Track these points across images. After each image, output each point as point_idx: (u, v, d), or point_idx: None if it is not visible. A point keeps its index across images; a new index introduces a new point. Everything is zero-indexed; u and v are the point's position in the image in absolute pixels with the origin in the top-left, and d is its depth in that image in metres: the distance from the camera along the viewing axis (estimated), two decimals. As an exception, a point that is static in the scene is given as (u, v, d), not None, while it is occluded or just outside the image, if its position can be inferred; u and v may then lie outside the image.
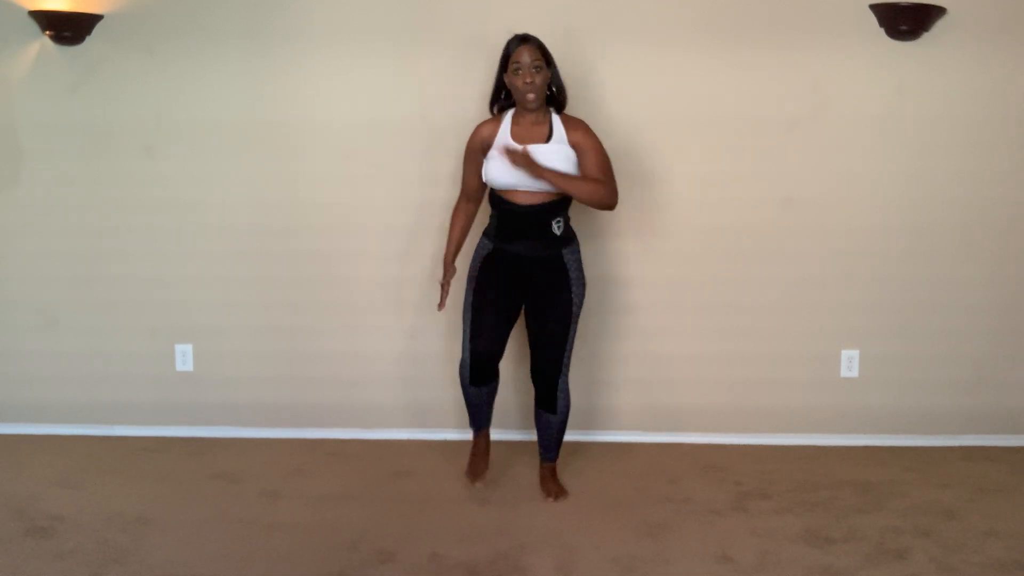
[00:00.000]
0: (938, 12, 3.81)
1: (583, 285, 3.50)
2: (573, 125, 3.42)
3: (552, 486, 3.58)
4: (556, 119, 3.42)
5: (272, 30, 3.96)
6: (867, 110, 3.96)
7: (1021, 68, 3.92)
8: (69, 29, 3.90)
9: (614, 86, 3.96)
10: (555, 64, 3.41)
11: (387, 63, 3.98)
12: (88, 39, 3.97)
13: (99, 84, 4.01)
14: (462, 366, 3.51)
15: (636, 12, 3.91)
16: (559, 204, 3.39)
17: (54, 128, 4.05)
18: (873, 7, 3.86)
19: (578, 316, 3.49)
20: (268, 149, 4.05)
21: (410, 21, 3.95)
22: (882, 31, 3.89)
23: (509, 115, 3.45)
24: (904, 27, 3.83)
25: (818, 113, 3.97)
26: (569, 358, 3.50)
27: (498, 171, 3.36)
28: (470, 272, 3.51)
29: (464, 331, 3.49)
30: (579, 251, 3.51)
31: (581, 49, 3.91)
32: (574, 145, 3.38)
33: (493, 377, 3.52)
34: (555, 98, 3.44)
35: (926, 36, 3.89)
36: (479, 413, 3.59)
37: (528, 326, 3.52)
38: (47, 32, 3.91)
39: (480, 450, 3.60)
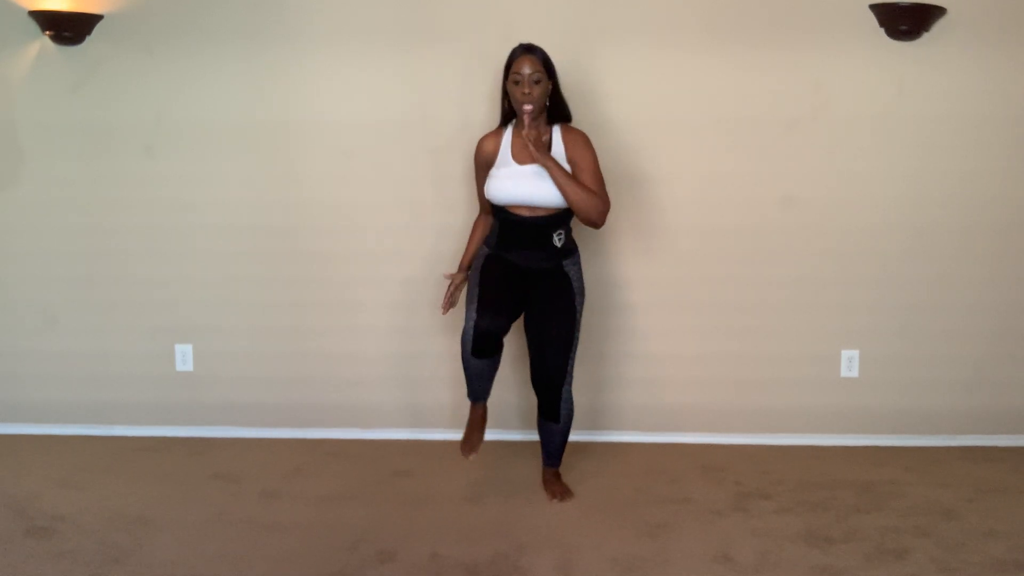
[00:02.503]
0: (938, 12, 3.81)
1: (583, 295, 3.50)
2: (572, 139, 3.40)
3: (556, 488, 3.58)
4: (556, 133, 3.41)
5: (272, 30, 3.96)
6: (867, 110, 3.96)
7: (1021, 68, 3.92)
8: (69, 29, 3.90)
9: (614, 86, 3.96)
10: (557, 77, 3.39)
11: (387, 63, 3.98)
12: (88, 39, 3.97)
13: (99, 84, 4.01)
14: (464, 335, 3.33)
15: (636, 13, 3.91)
16: (560, 217, 3.39)
17: (54, 128, 4.05)
18: (873, 7, 3.86)
19: (580, 324, 3.48)
20: (268, 149, 4.05)
21: (410, 21, 3.95)
22: (882, 31, 3.89)
23: (510, 128, 3.46)
24: (904, 27, 3.83)
25: (818, 113, 3.97)
26: (572, 366, 3.48)
27: (500, 188, 3.36)
28: (474, 267, 3.49)
29: (468, 306, 3.36)
30: (580, 262, 3.51)
31: (581, 49, 3.91)
32: (571, 160, 3.38)
33: (496, 350, 3.36)
34: (555, 111, 3.41)
35: (926, 36, 3.89)
36: (479, 384, 3.46)
37: (529, 334, 3.48)
38: (47, 32, 3.91)
39: (476, 422, 3.53)
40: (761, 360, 4.14)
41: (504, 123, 3.51)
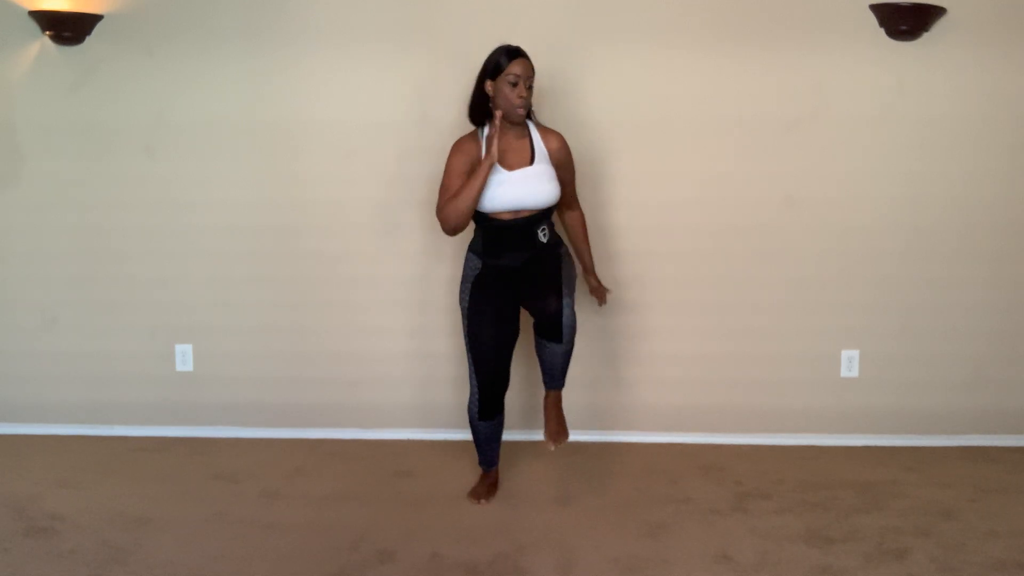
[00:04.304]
0: (938, 12, 3.81)
1: (571, 259, 3.49)
2: (550, 138, 3.43)
3: (555, 422, 3.39)
4: (534, 132, 3.42)
5: (272, 30, 3.96)
6: (867, 110, 3.96)
7: (1021, 68, 3.92)
8: (69, 29, 3.90)
9: (615, 87, 3.95)
10: None
11: (387, 63, 3.98)
12: (88, 39, 3.97)
13: (99, 84, 4.01)
14: (471, 402, 3.49)
15: (636, 14, 3.91)
16: (542, 215, 3.40)
17: (54, 128, 4.05)
18: (873, 7, 3.86)
19: (571, 271, 3.41)
20: (268, 149, 4.05)
21: (410, 21, 3.95)
22: (882, 31, 3.89)
23: (485, 131, 3.40)
24: (904, 27, 3.83)
25: (818, 113, 3.97)
26: (572, 297, 3.29)
27: (494, 196, 3.31)
28: (461, 301, 3.47)
29: (469, 367, 3.47)
30: (567, 249, 3.52)
31: (582, 49, 3.91)
32: (555, 161, 3.42)
33: (500, 410, 3.52)
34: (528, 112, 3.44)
35: (926, 36, 3.89)
36: (489, 450, 3.59)
37: (528, 305, 3.35)
38: (47, 32, 3.91)
39: (489, 483, 3.61)
40: (761, 360, 4.14)
41: (477, 125, 3.44)
